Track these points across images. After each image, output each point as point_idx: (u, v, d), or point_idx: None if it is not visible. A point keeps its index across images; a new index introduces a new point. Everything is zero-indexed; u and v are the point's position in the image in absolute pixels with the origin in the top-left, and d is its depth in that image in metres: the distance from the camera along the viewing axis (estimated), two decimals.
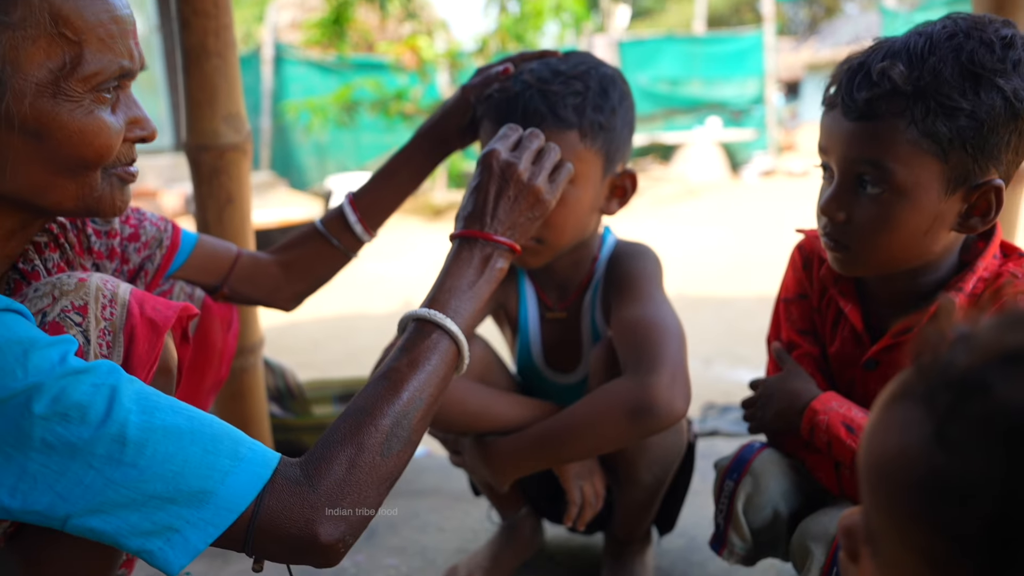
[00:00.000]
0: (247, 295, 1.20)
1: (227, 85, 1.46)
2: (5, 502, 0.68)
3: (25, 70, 0.72)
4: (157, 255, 1.08)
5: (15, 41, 0.71)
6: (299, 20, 12.89)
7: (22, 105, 0.73)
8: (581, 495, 1.19)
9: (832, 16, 20.85)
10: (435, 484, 1.78)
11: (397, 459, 0.80)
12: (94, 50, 0.75)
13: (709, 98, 12.89)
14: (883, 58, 0.91)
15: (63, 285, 0.81)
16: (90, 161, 0.79)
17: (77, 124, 0.76)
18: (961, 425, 0.34)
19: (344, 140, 12.05)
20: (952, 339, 0.38)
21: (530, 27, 9.60)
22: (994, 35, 0.89)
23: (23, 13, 0.71)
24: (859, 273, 1.05)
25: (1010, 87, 0.87)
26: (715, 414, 2.49)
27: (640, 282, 1.18)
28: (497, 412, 1.15)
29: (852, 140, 0.94)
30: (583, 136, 1.10)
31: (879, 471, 0.38)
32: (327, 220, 1.22)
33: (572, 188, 1.12)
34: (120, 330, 0.81)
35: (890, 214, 0.94)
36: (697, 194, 10.30)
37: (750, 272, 5.43)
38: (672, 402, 1.01)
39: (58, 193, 0.79)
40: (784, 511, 1.07)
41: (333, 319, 4.80)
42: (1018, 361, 0.34)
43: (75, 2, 0.74)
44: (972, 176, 0.91)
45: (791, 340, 1.16)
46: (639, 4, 24.73)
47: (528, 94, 1.08)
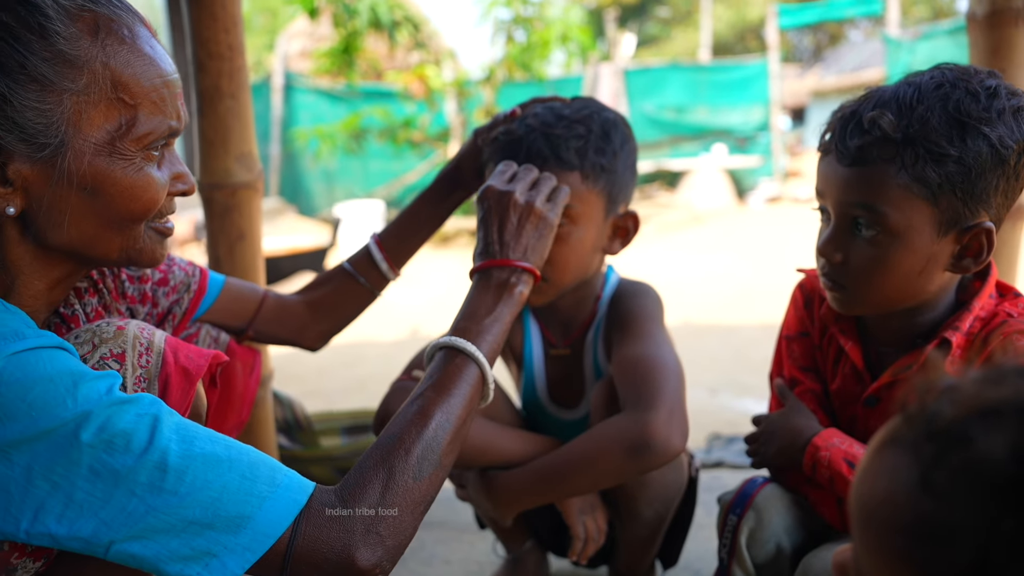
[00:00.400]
0: (274, 335, 1.23)
1: (240, 125, 1.50)
2: (52, 529, 0.70)
3: (85, 132, 0.78)
4: (185, 299, 1.11)
5: (79, 105, 0.77)
6: (309, 49, 13.07)
7: (81, 163, 0.78)
8: (584, 530, 1.20)
9: (836, 44, 21.02)
10: (441, 517, 1.79)
11: (429, 482, 0.82)
12: (147, 113, 0.80)
13: (715, 125, 12.98)
14: (874, 107, 0.95)
15: (102, 333, 0.85)
16: (137, 215, 0.83)
17: (129, 181, 0.81)
18: (945, 474, 0.36)
19: (352, 167, 12.16)
20: (938, 390, 0.40)
21: (537, 56, 9.73)
22: (979, 85, 0.92)
23: (88, 80, 0.77)
24: (857, 312, 1.07)
25: (995, 135, 0.91)
26: (720, 445, 2.49)
27: (640, 321, 1.20)
28: (500, 447, 1.17)
29: (846, 185, 0.97)
30: (585, 177, 1.13)
31: (868, 513, 0.40)
32: (354, 260, 1.26)
33: (575, 228, 1.15)
34: (155, 377, 0.85)
35: (885, 255, 0.97)
36: (703, 221, 10.34)
37: (756, 299, 5.43)
38: (669, 439, 1.04)
39: (105, 245, 0.84)
40: (787, 546, 1.08)
41: (340, 346, 4.82)
42: (997, 415, 0.36)
43: (133, 69, 0.79)
44: (963, 219, 0.95)
45: (793, 376, 1.18)
46: (645, 32, 24.99)
47: (532, 137, 1.12)
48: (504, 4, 9.61)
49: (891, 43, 10.77)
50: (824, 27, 20.82)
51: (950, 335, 0.99)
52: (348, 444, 1.84)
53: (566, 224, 1.14)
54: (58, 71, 0.75)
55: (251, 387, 1.20)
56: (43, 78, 0.75)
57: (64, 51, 0.75)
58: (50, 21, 0.75)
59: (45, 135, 0.76)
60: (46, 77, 0.75)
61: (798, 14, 13.09)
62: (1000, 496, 0.33)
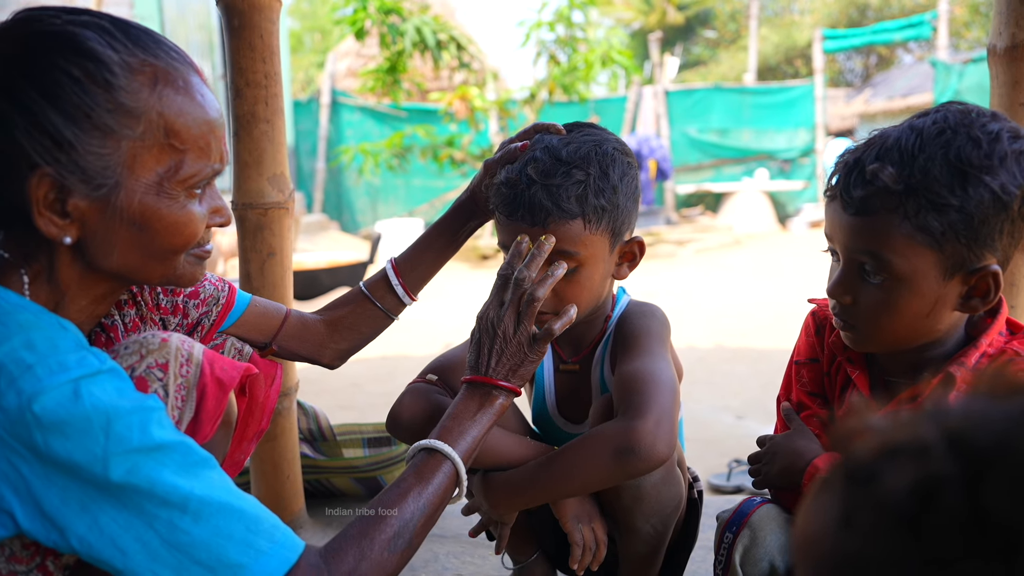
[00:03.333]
0: (295, 351, 1.30)
1: (273, 149, 1.58)
2: (74, 545, 0.80)
3: (138, 173, 0.86)
4: (213, 311, 1.19)
5: (134, 150, 0.85)
6: (356, 68, 13.37)
7: (132, 201, 0.87)
8: (582, 537, 1.23)
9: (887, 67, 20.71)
10: (456, 530, 1.83)
11: (400, 557, 0.93)
12: (194, 158, 0.89)
13: (758, 148, 12.88)
14: (877, 155, 0.97)
15: (149, 344, 0.94)
16: (179, 248, 0.92)
17: (173, 218, 0.90)
18: (860, 511, 0.39)
19: (395, 184, 12.36)
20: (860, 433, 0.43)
21: (580, 78, 9.80)
22: (981, 131, 0.93)
23: (144, 128, 0.85)
24: (869, 350, 1.10)
25: (997, 183, 0.92)
26: (741, 471, 2.49)
27: (643, 339, 1.24)
28: (502, 449, 1.21)
29: (851, 232, 1.00)
30: (588, 222, 1.17)
31: (803, 550, 0.44)
32: (371, 284, 1.32)
33: (583, 269, 1.19)
34: (194, 387, 0.94)
35: (892, 299, 0.99)
36: (743, 244, 10.25)
37: (790, 325, 5.36)
38: (654, 445, 1.07)
39: (148, 272, 0.94)
40: (781, 565, 1.10)
41: (373, 360, 4.91)
42: (899, 454, 0.39)
43: (184, 119, 0.88)
44: (968, 262, 0.96)
45: (800, 401, 1.21)
46: (691, 54, 24.94)
47: (533, 190, 1.15)
48: (548, 26, 9.72)
49: (940, 67, 10.58)
50: (874, 49, 20.54)
51: (955, 370, 1.01)
52: (370, 455, 1.90)
53: (576, 268, 1.18)
54: (119, 120, 0.84)
55: (271, 398, 1.27)
56: (105, 126, 0.83)
57: (125, 103, 0.84)
58: (115, 77, 0.83)
59: (103, 176, 0.84)
60: (108, 126, 0.83)
61: (844, 38, 12.96)
62: (903, 529, 0.36)
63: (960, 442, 0.37)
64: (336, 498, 2.00)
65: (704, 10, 24.46)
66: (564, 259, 1.17)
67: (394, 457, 1.89)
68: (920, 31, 12.01)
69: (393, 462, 1.90)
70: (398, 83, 9.77)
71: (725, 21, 24.33)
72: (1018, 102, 1.51)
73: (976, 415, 0.38)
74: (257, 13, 1.53)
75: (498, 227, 1.23)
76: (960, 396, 0.41)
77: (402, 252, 1.33)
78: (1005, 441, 0.36)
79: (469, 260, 9.93)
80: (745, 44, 20.48)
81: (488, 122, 10.43)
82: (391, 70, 9.56)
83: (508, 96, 10.43)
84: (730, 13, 24.26)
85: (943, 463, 0.36)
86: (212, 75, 10.09)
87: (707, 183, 12.64)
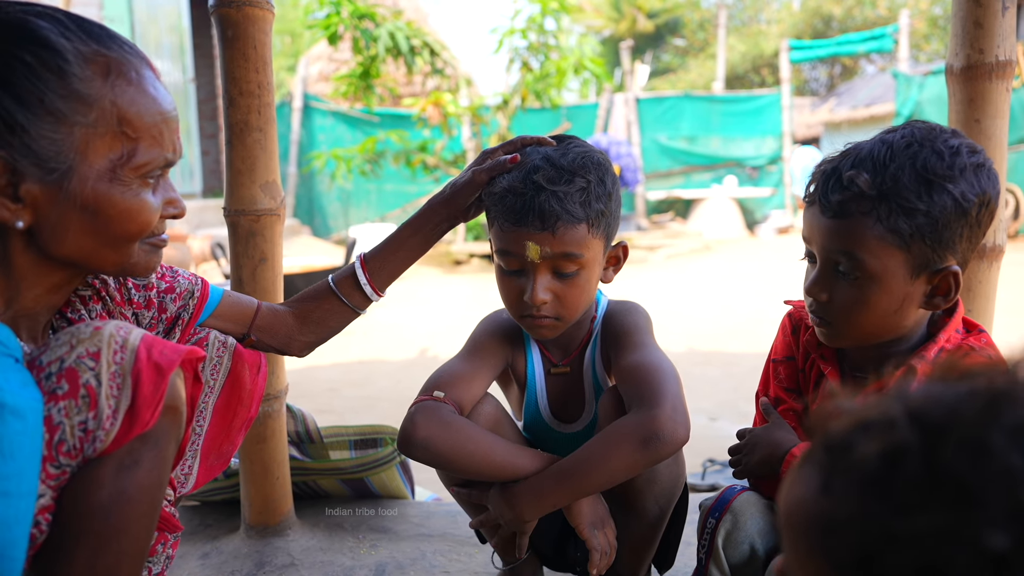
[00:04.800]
0: (266, 343, 1.33)
1: (265, 156, 1.62)
2: None
3: (91, 160, 0.88)
4: (190, 304, 1.22)
5: (87, 137, 0.88)
6: (328, 72, 13.33)
7: (85, 187, 0.89)
8: (599, 543, 1.28)
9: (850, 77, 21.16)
10: (442, 529, 1.87)
11: None
12: (146, 146, 0.92)
13: (727, 156, 13.10)
14: (852, 165, 1.07)
15: (80, 334, 0.90)
16: (132, 235, 0.94)
17: (126, 204, 0.92)
18: (836, 478, 0.46)
19: (367, 189, 12.34)
20: (836, 413, 0.50)
21: (552, 85, 9.89)
22: (943, 145, 1.04)
23: (96, 115, 0.88)
24: (843, 344, 1.18)
25: (958, 191, 1.03)
26: (715, 470, 2.57)
27: (635, 333, 1.31)
28: (516, 461, 1.26)
29: (829, 234, 1.09)
30: (590, 227, 1.23)
31: (788, 518, 0.50)
32: (339, 279, 1.34)
33: (583, 272, 1.25)
34: (128, 373, 0.89)
35: (864, 296, 1.08)
36: (713, 250, 10.42)
37: (761, 329, 5.50)
38: (675, 430, 1.14)
39: (102, 259, 0.95)
40: (760, 548, 1.18)
41: (351, 365, 4.93)
42: (870, 427, 0.46)
43: (137, 107, 0.91)
44: (932, 263, 1.06)
45: (778, 396, 1.29)
46: (660, 62, 25.23)
47: (542, 197, 1.20)
48: (520, 34, 9.79)
49: (901, 78, 10.87)
50: (838, 60, 20.99)
51: (916, 362, 1.10)
52: (356, 457, 1.93)
53: (577, 271, 1.24)
54: (71, 106, 0.86)
55: (259, 385, 1.29)
56: (58, 112, 0.86)
57: (78, 90, 0.87)
58: (68, 64, 0.86)
59: (56, 161, 0.87)
60: (60, 111, 0.86)
61: (809, 48, 13.25)
62: (874, 489, 0.43)
63: (919, 417, 0.44)
64: (323, 499, 2.03)
65: (673, 18, 24.79)
66: (570, 261, 1.23)
67: (380, 459, 1.93)
68: (882, 43, 12.33)
69: (379, 463, 1.94)
70: (371, 88, 9.76)
71: (694, 30, 24.68)
72: (973, 118, 1.60)
73: (933, 395, 0.45)
74: (251, 24, 1.57)
75: (499, 235, 1.26)
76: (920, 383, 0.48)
77: (372, 249, 1.35)
78: (955, 415, 0.42)
79: (442, 265, 9.96)
80: (713, 52, 20.80)
81: (461, 128, 10.48)
82: (364, 75, 9.56)
83: (481, 102, 10.49)
84: (699, 22, 24.62)
85: (906, 434, 0.43)
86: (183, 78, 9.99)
87: (677, 189, 12.82)
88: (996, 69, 1.56)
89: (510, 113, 10.13)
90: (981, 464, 0.40)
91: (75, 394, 0.86)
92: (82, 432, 0.86)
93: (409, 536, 1.83)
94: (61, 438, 0.86)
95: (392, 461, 1.94)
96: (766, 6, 24.92)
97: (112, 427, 0.87)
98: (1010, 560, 0.38)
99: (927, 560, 0.40)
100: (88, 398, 0.86)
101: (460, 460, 1.24)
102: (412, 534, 1.85)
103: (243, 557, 1.72)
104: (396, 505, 2.00)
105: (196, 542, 1.83)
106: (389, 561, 1.71)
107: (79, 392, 0.86)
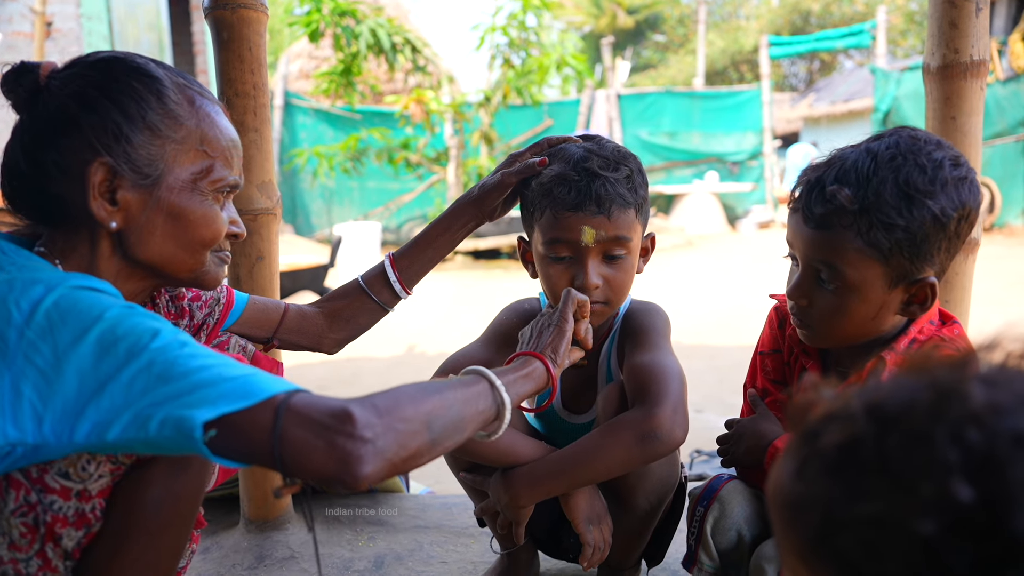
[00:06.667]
0: (295, 343, 1.38)
1: (261, 157, 1.64)
2: (88, 431, 0.80)
3: (176, 171, 1.00)
4: (216, 311, 1.27)
5: (175, 151, 1.00)
6: (308, 70, 13.27)
7: (171, 195, 1.00)
8: (593, 538, 1.32)
9: (829, 72, 21.38)
10: (438, 521, 1.91)
11: (429, 438, 0.85)
12: (221, 165, 1.04)
13: (708, 151, 13.19)
14: (836, 177, 1.09)
15: None
16: (207, 241, 1.04)
17: (202, 213, 1.03)
18: (806, 464, 0.50)
19: (350, 187, 12.30)
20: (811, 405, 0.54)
21: (534, 82, 9.92)
22: (926, 159, 1.06)
23: (184, 133, 1.01)
24: (823, 345, 1.23)
25: (938, 207, 1.05)
26: (702, 460, 2.62)
27: (650, 334, 1.36)
28: (517, 448, 1.31)
29: (810, 243, 1.12)
30: (637, 211, 1.29)
31: (772, 499, 0.54)
32: (368, 278, 1.39)
33: (629, 257, 1.30)
34: None
35: (843, 304, 1.12)
36: (695, 245, 10.51)
37: (742, 323, 5.57)
38: (673, 430, 1.19)
39: (180, 264, 1.04)
40: (747, 535, 1.22)
41: (339, 363, 4.94)
42: (833, 419, 0.50)
43: (215, 132, 1.04)
44: (910, 274, 1.09)
45: (765, 388, 1.33)
46: (640, 58, 25.32)
47: (597, 183, 1.25)
48: (502, 31, 9.81)
49: (879, 74, 11.01)
50: (817, 55, 21.19)
51: (886, 354, 1.14)
52: None
53: (625, 255, 1.30)
54: (166, 123, 0.99)
55: None
56: (155, 127, 0.98)
57: (172, 110, 1.00)
58: (165, 89, 1.01)
59: (150, 168, 0.98)
60: (157, 127, 0.99)
61: (789, 44, 13.38)
62: (832, 475, 0.47)
63: (875, 409, 0.47)
64: (320, 494, 2.06)
65: (653, 14, 24.87)
66: (621, 245, 1.27)
67: None
68: (861, 39, 12.48)
69: None
70: (352, 86, 9.74)
71: (674, 25, 24.79)
72: (949, 116, 1.65)
73: (891, 388, 0.49)
74: (246, 26, 1.59)
75: (551, 224, 1.28)
76: (890, 375, 0.51)
77: (401, 248, 1.41)
78: (908, 408, 0.46)
79: None
80: (693, 48, 20.91)
81: (443, 125, 10.47)
82: (345, 72, 9.53)
83: (463, 99, 10.49)
84: (678, 17, 24.73)
85: (862, 425, 0.47)
86: None
87: (659, 185, 12.89)
88: (971, 68, 1.62)
89: (492, 110, 10.16)
90: (920, 455, 0.43)
91: None
92: None
93: (406, 528, 1.87)
94: None
95: None
96: (745, 2, 25.09)
97: None
98: (939, 547, 0.41)
99: (871, 542, 0.44)
100: None
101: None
102: (409, 526, 1.88)
103: (243, 551, 1.75)
104: (392, 499, 2.03)
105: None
106: (387, 553, 1.74)
107: None
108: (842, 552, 0.45)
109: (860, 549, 0.44)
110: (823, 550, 0.47)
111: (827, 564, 0.47)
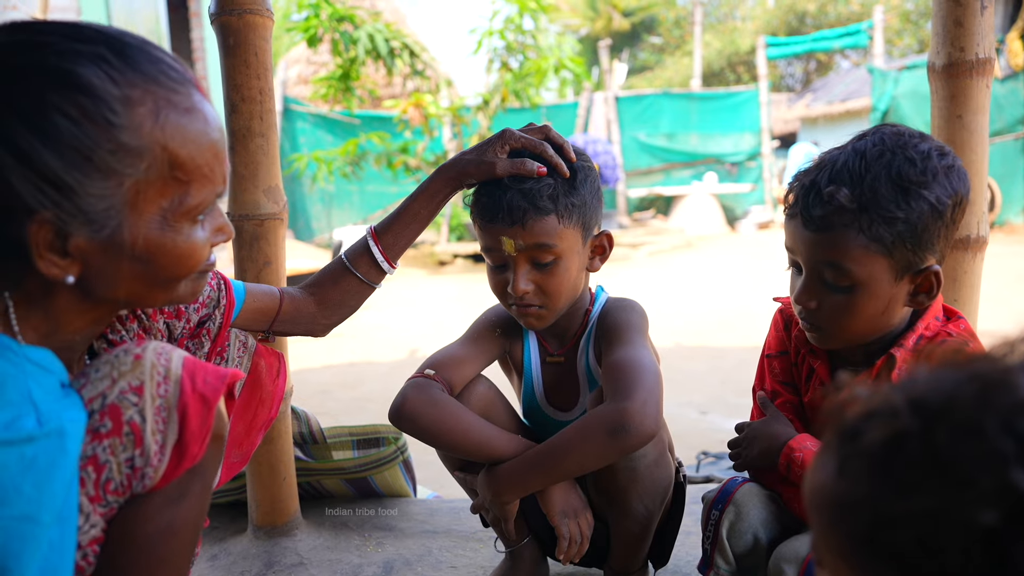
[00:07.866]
0: (289, 331, 1.37)
1: (268, 161, 1.64)
2: None
3: (141, 209, 0.84)
4: (217, 315, 1.23)
5: (138, 187, 0.82)
6: (307, 75, 13.26)
7: (136, 238, 0.84)
8: (568, 530, 1.33)
9: (826, 72, 21.41)
10: (446, 525, 1.90)
11: None
12: (198, 187, 0.87)
13: (706, 152, 13.20)
14: (829, 178, 1.10)
15: (120, 365, 0.87)
16: (183, 276, 0.92)
17: (178, 250, 0.88)
18: (848, 462, 0.50)
19: (349, 191, 12.31)
20: (849, 402, 0.54)
21: (532, 84, 9.92)
22: (914, 151, 1.08)
23: (148, 163, 0.82)
24: (834, 347, 1.23)
25: (933, 196, 1.07)
26: (709, 462, 2.62)
27: (625, 330, 1.36)
28: (496, 445, 1.33)
29: (813, 246, 1.13)
30: (560, 217, 1.30)
31: (811, 499, 0.54)
32: (352, 256, 1.37)
33: (560, 261, 1.32)
34: (174, 407, 0.86)
35: (852, 302, 1.13)
36: (695, 246, 10.51)
37: (744, 323, 5.57)
38: (643, 423, 1.19)
39: (151, 299, 0.93)
40: (764, 537, 1.22)
41: (341, 367, 4.94)
42: (875, 416, 0.49)
43: (188, 148, 0.85)
44: (914, 264, 1.11)
45: (774, 390, 1.33)
46: (637, 60, 25.36)
47: (509, 194, 1.29)
48: (498, 34, 9.82)
49: (876, 74, 11.02)
50: (814, 56, 21.21)
51: (896, 352, 1.15)
52: (359, 457, 1.95)
53: (555, 260, 1.31)
54: (121, 160, 0.80)
55: (279, 387, 1.32)
56: (107, 167, 0.80)
57: (127, 143, 0.80)
58: (115, 115, 0.79)
59: (105, 217, 0.82)
60: (110, 167, 0.80)
61: (785, 45, 13.39)
62: (880, 471, 0.47)
63: (919, 404, 0.47)
64: (327, 499, 2.05)
65: (649, 16, 24.91)
66: (546, 251, 1.29)
67: (383, 458, 1.96)
68: (857, 39, 12.50)
69: (382, 462, 1.96)
70: (351, 90, 9.74)
71: (670, 27, 24.82)
72: (955, 114, 1.65)
73: (932, 383, 0.49)
74: (252, 32, 1.59)
75: (479, 234, 1.35)
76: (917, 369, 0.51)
77: (382, 222, 1.38)
78: (951, 402, 0.46)
79: (427, 266, 9.98)
80: (690, 50, 20.93)
81: (442, 129, 10.48)
82: (344, 77, 9.53)
83: (461, 103, 10.49)
84: (674, 19, 24.76)
85: (907, 420, 0.47)
86: None
87: (658, 187, 12.91)
88: (976, 66, 1.62)
89: (490, 113, 10.15)
90: (973, 446, 0.43)
91: (119, 432, 0.85)
92: (129, 469, 0.86)
93: (414, 533, 1.86)
94: (108, 476, 0.85)
95: (395, 460, 1.97)
96: (741, 3, 25.12)
97: (160, 463, 0.86)
98: (1001, 535, 0.41)
99: (926, 537, 0.44)
100: (133, 435, 0.85)
101: (441, 435, 1.31)
102: (417, 531, 1.87)
103: (252, 558, 1.75)
104: (400, 503, 2.03)
105: (204, 544, 1.85)
106: (396, 558, 1.74)
107: (123, 430, 0.85)
108: (894, 548, 0.45)
109: (914, 544, 0.44)
110: (872, 548, 0.47)
111: (877, 562, 0.46)
